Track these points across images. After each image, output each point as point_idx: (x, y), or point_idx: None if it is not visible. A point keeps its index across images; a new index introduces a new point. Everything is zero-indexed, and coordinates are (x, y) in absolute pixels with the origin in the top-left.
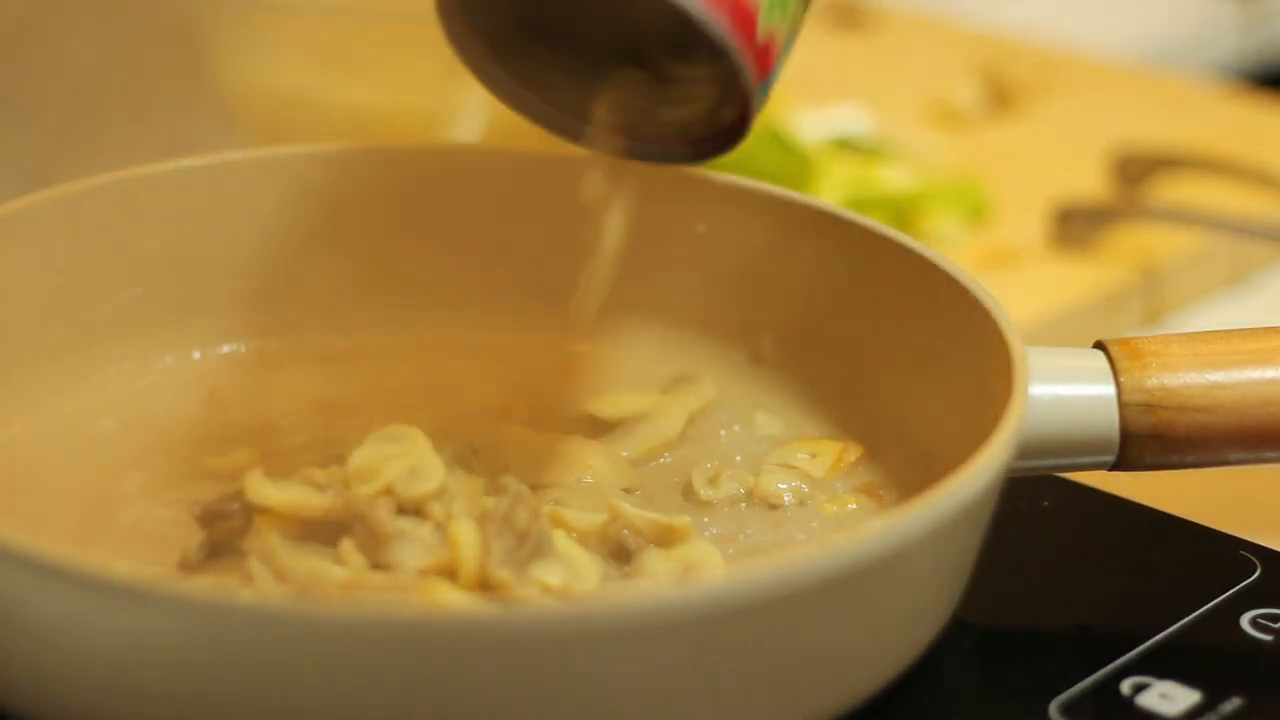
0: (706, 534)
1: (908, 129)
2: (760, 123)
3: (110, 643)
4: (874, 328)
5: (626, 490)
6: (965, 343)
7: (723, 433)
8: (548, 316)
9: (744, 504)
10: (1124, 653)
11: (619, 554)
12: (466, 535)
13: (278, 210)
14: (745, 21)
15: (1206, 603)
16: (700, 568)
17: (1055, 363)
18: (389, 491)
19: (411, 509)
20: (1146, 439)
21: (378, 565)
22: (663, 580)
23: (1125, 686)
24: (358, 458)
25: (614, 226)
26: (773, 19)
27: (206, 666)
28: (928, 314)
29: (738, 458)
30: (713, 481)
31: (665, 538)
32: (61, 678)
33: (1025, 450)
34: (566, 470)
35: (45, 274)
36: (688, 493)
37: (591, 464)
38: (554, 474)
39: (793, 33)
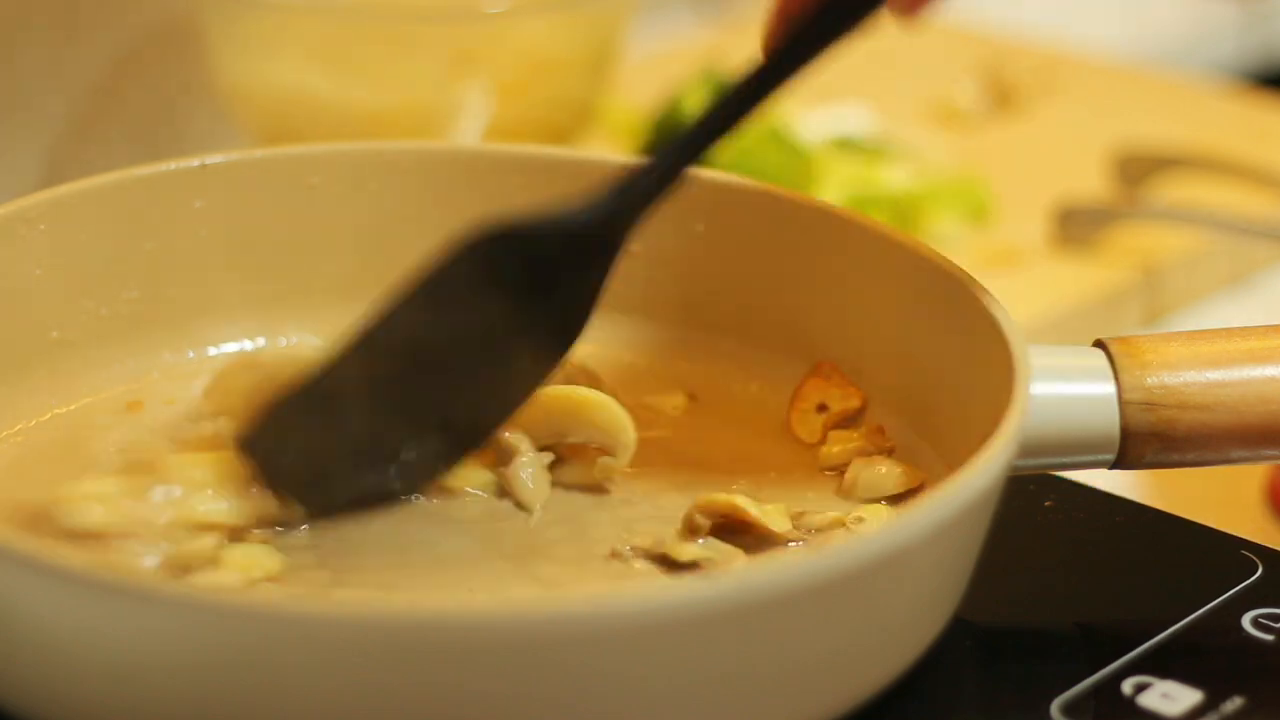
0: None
1: (909, 129)
2: (761, 122)
3: (110, 643)
4: (875, 327)
5: None
6: (966, 342)
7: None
8: None
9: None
10: (1125, 652)
11: None
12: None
13: (278, 210)
14: None
15: (1208, 602)
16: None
17: (1056, 361)
18: None
19: None
20: (1147, 437)
21: None
22: (665, 582)
23: (1126, 686)
24: None
25: None
26: None
27: (206, 666)
28: (929, 313)
29: None
30: None
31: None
32: (60, 677)
33: (1026, 449)
34: None
35: (44, 274)
36: None
37: None
38: None
39: None
